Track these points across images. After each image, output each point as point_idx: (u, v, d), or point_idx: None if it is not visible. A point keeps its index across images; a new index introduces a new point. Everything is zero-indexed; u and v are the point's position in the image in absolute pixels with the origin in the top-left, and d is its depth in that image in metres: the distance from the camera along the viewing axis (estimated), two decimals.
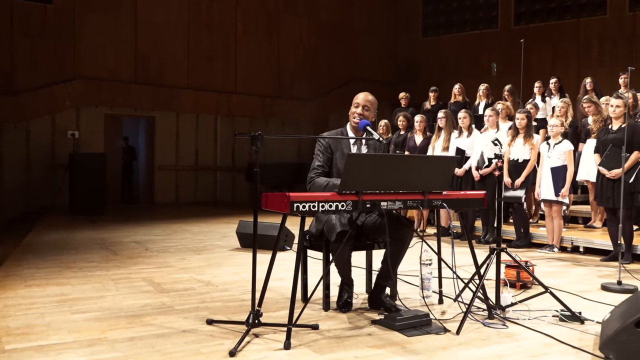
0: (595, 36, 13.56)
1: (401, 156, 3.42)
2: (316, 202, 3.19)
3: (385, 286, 3.88)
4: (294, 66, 14.75)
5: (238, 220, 10.07)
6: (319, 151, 3.92)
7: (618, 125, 5.93)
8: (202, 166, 13.75)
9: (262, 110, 14.20)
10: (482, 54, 14.84)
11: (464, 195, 3.67)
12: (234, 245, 6.91)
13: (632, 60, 13.01)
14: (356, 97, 3.93)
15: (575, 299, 4.27)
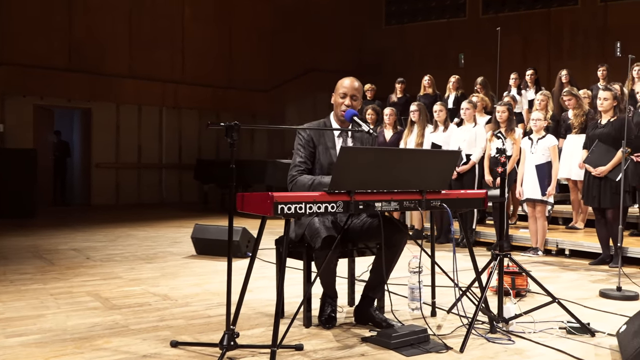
0: (567, 27, 13.77)
1: (400, 150, 3.21)
2: (303, 204, 2.93)
3: (375, 298, 3.65)
4: (247, 54, 14.41)
5: (188, 223, 9.74)
6: (300, 145, 3.66)
7: (607, 119, 5.90)
8: (145, 164, 13.25)
9: (213, 101, 13.82)
10: (449, 44, 14.87)
11: (464, 195, 3.48)
12: (188, 252, 6.57)
13: (604, 53, 13.27)
14: (341, 85, 3.68)
15: (577, 308, 4.16)
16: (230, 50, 14.26)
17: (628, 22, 13.06)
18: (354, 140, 3.75)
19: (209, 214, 11.23)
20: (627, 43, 13.02)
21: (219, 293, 4.58)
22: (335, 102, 3.70)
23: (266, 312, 4.04)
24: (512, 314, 3.60)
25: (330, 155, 3.65)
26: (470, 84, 10.39)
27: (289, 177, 3.63)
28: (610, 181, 5.73)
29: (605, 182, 5.77)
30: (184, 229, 8.92)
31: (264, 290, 4.68)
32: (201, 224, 6.55)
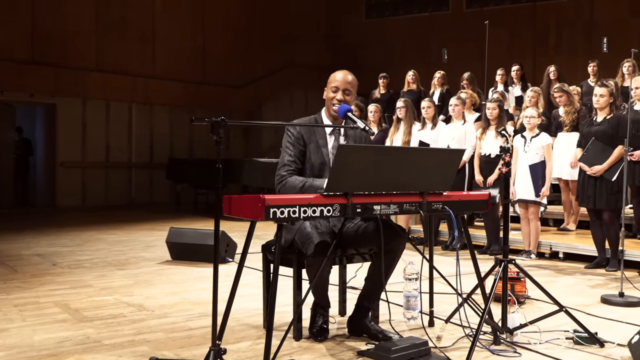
0: (553, 22, 13.80)
1: (401, 149, 3.08)
2: (297, 207, 2.77)
3: (370, 309, 3.50)
4: (222, 49, 14.19)
5: (161, 225, 9.51)
6: (289, 143, 3.50)
7: (603, 116, 5.84)
8: (114, 163, 12.95)
9: (186, 98, 13.57)
10: (432, 38, 14.82)
11: (466, 197, 3.35)
12: (162, 257, 6.35)
13: (590, 48, 13.34)
14: (333, 79, 3.53)
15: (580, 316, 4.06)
16: (204, 44, 14.02)
17: (615, 17, 13.14)
18: (347, 138, 3.60)
19: (183, 216, 11.00)
20: (613, 38, 13.11)
21: (199, 302, 4.39)
22: (326, 97, 3.55)
23: (251, 323, 3.87)
24: (517, 324, 3.49)
25: (322, 154, 3.50)
26: (454, 80, 10.34)
27: (277, 178, 3.46)
28: (606, 181, 5.67)
29: (600, 182, 5.72)
30: (156, 232, 8.69)
31: (248, 299, 4.50)
32: (177, 228, 6.35)
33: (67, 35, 12.16)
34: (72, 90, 12.24)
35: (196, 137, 14.00)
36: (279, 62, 14.91)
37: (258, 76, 14.65)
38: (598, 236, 5.95)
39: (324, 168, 3.48)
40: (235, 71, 14.28)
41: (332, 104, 3.48)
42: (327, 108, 3.55)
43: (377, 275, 3.41)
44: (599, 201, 5.72)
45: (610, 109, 5.80)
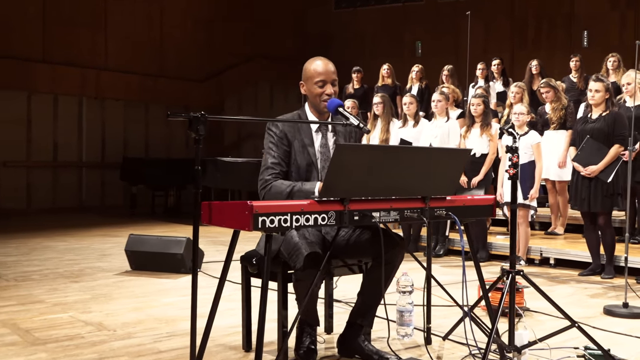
0: (532, 14, 13.84)
1: (404, 148, 2.89)
2: (288, 215, 2.57)
3: (364, 326, 3.31)
4: (181, 39, 13.83)
5: (116, 231, 9.17)
6: (272, 143, 3.27)
7: (598, 113, 5.77)
8: (62, 162, 12.48)
9: (141, 92, 13.17)
10: (405, 30, 14.74)
11: (470, 202, 3.19)
12: (121, 268, 6.06)
13: (571, 42, 13.42)
14: (315, 72, 3.30)
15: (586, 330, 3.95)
16: (161, 34, 13.64)
17: (595, 11, 13.24)
18: (336, 135, 3.40)
19: (139, 220, 10.67)
20: (594, 32, 13.21)
21: (166, 320, 4.14)
22: (310, 91, 3.32)
23: (228, 343, 3.65)
24: (526, 342, 3.34)
25: (309, 154, 3.29)
26: (428, 74, 10.27)
27: (261, 183, 3.24)
28: (602, 182, 5.60)
29: (596, 184, 5.64)
30: (111, 238, 8.38)
31: (222, 315, 4.25)
32: (136, 234, 6.06)
33: (10, 22, 11.65)
34: (16, 83, 11.72)
35: (152, 135, 13.62)
36: (243, 54, 14.62)
37: (220, 69, 14.34)
38: (592, 241, 5.89)
39: (311, 170, 3.28)
40: (195, 63, 13.94)
41: (322, 100, 3.26)
42: (313, 104, 3.33)
43: (372, 290, 3.22)
44: (593, 204, 5.65)
45: (606, 105, 5.73)
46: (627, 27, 13.12)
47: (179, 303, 4.65)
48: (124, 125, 13.22)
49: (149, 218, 11.13)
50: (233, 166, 10.43)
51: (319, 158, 3.31)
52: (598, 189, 5.60)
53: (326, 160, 3.31)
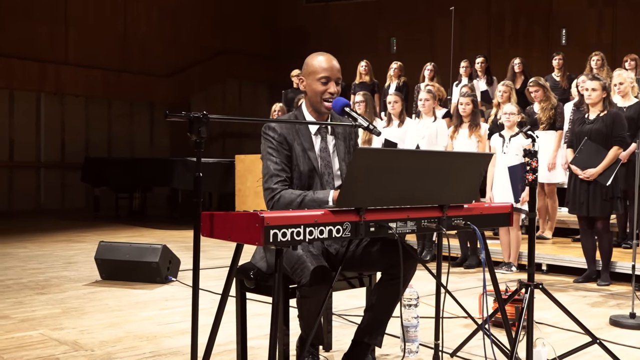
0: (509, 11, 13.83)
1: (425, 152, 2.70)
2: (301, 227, 2.36)
3: (371, 345, 3.12)
4: (146, 33, 13.48)
5: (79, 236, 8.83)
6: (271, 149, 3.05)
7: (595, 114, 5.68)
8: (19, 162, 12.08)
9: (104, 87, 12.80)
10: (380, 26, 14.61)
11: (488, 210, 3.02)
12: (90, 277, 5.77)
13: (549, 40, 13.45)
14: (318, 67, 3.07)
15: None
16: (125, 28, 13.27)
17: (574, 8, 13.29)
18: (335, 139, 3.20)
19: (103, 224, 10.32)
20: (572, 30, 13.26)
21: (147, 337, 3.90)
22: (311, 88, 3.10)
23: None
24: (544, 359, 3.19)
25: (310, 159, 3.08)
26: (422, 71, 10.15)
27: (267, 192, 3.01)
28: (601, 186, 5.52)
29: (595, 187, 5.56)
30: (75, 244, 8.05)
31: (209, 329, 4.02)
32: (107, 242, 5.77)
33: None
34: None
35: (115, 133, 13.25)
36: (211, 49, 14.35)
37: (187, 64, 14.05)
38: (589, 246, 5.81)
39: (313, 176, 3.07)
40: (160, 58, 13.62)
41: (325, 99, 3.06)
42: (314, 103, 3.11)
43: (382, 306, 3.04)
44: (592, 208, 5.56)
45: (603, 105, 5.64)
46: (605, 25, 13.20)
47: (158, 317, 4.40)
48: (86, 122, 12.83)
49: (113, 222, 10.78)
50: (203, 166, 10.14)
51: (320, 164, 3.11)
52: (597, 193, 5.52)
53: (326, 166, 3.12)
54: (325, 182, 3.08)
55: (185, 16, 13.97)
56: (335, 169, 3.14)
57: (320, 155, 3.11)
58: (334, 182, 3.11)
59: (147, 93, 13.39)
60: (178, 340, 3.83)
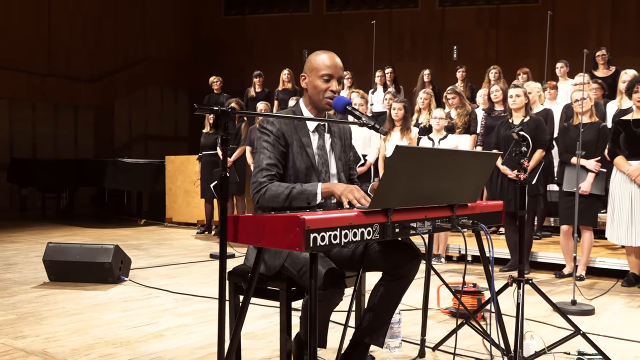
0: (408, 29, 13.89)
1: (450, 151, 2.38)
2: (337, 230, 1.98)
3: (370, 345, 2.77)
4: (69, 39, 12.44)
5: (9, 237, 7.91)
6: (267, 143, 2.64)
7: (519, 119, 5.61)
8: None
9: (28, 90, 11.69)
10: (293, 38, 14.28)
11: (486, 208, 2.76)
12: (37, 279, 5.08)
13: (442, 55, 13.62)
14: (322, 65, 2.70)
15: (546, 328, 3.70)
16: (49, 33, 12.19)
17: (463, 27, 13.53)
18: (332, 137, 2.84)
19: (32, 224, 9.38)
20: (462, 47, 13.50)
21: (120, 342, 3.36)
22: (313, 85, 2.72)
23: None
24: (532, 352, 2.97)
25: (308, 155, 2.70)
26: None
27: (255, 186, 2.59)
28: (528, 184, 5.44)
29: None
30: (9, 244, 7.21)
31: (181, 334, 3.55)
32: (56, 242, 5.09)
33: None
34: None
35: (39, 134, 12.16)
36: (134, 55, 13.50)
37: (110, 69, 13.12)
38: (512, 239, 5.74)
39: (310, 173, 2.69)
40: (84, 63, 12.64)
41: (326, 97, 2.69)
42: (315, 100, 2.73)
43: (384, 306, 2.70)
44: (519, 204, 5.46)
45: (525, 111, 5.58)
46: (490, 43, 13.53)
47: (123, 320, 3.86)
48: (9, 124, 11.67)
49: (41, 221, 9.83)
50: (135, 167, 9.45)
51: (318, 161, 2.73)
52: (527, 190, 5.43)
53: (324, 164, 2.75)
54: (322, 179, 2.71)
55: (108, 24, 13.04)
56: (332, 167, 2.78)
57: (317, 152, 2.74)
58: (330, 180, 2.75)
59: (71, 96, 12.39)
60: (155, 345, 3.33)
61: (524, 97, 5.59)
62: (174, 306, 4.24)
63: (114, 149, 13.12)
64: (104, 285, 4.85)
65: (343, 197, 2.37)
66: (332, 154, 2.81)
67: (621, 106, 6.29)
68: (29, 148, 11.88)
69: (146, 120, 14.10)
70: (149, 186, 9.68)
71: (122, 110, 13.45)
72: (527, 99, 5.62)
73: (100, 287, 4.81)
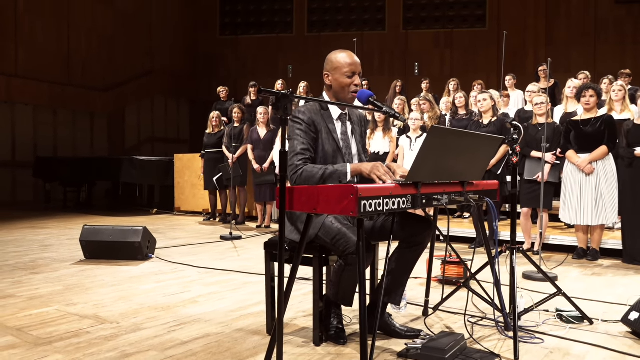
0: (376, 48, 13.91)
1: (472, 134, 2.33)
2: (381, 199, 1.94)
3: (388, 304, 2.73)
4: (87, 53, 12.13)
5: (41, 223, 7.66)
6: (300, 130, 2.58)
7: (488, 119, 5.64)
8: None
9: (50, 98, 11.35)
10: (279, 55, 14.17)
11: (485, 186, 2.73)
12: (74, 257, 4.91)
13: (405, 71, 13.67)
14: (344, 63, 2.64)
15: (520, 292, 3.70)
16: (69, 47, 11.86)
17: (423, 48, 13.61)
18: (352, 125, 2.79)
19: (57, 214, 9.11)
20: (422, 64, 13.57)
21: (162, 308, 3.26)
22: (338, 82, 2.66)
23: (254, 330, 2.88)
24: (522, 309, 2.96)
25: (334, 140, 2.65)
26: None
27: (291, 168, 2.54)
28: (494, 174, 5.47)
29: (489, 176, 5.49)
30: (41, 230, 6.97)
31: (216, 300, 3.45)
32: (91, 225, 4.93)
33: None
34: None
35: (60, 137, 11.82)
36: (141, 69, 13.22)
37: (121, 81, 12.82)
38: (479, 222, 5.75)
39: (337, 155, 2.65)
40: (99, 74, 12.32)
41: (351, 91, 2.63)
42: (339, 95, 2.68)
43: (402, 270, 2.67)
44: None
45: (493, 112, 5.61)
46: (445, 61, 13.63)
47: (158, 289, 3.75)
48: (33, 128, 11.32)
49: (63, 212, 9.54)
50: (147, 164, 9.24)
51: (342, 145, 2.69)
52: (491, 179, 5.45)
53: (347, 147, 2.71)
54: (346, 160, 2.67)
55: (120, 41, 12.75)
56: (354, 149, 2.74)
57: (341, 137, 2.69)
58: (352, 160, 2.71)
59: (88, 104, 12.07)
60: (192, 309, 3.23)
61: (490, 100, 5.62)
62: (200, 278, 4.14)
63: (125, 149, 12.84)
64: (134, 262, 4.72)
65: (372, 174, 2.33)
66: (353, 138, 2.76)
67: (567, 110, 6.40)
68: (51, 149, 11.54)
69: (153, 124, 13.83)
70: (160, 180, 9.48)
71: (132, 116, 13.16)
72: (493, 102, 5.65)
73: (132, 263, 4.67)
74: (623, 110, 5.64)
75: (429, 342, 2.43)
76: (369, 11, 14.01)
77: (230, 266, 4.58)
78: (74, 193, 10.52)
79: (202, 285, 3.87)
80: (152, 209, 9.67)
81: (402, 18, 13.79)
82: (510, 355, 2.44)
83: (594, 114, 5.05)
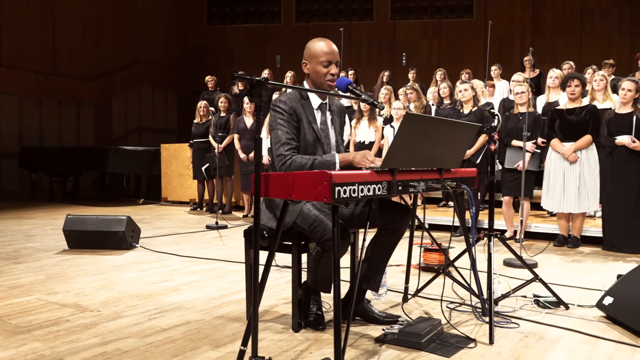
0: (364, 38, 13.87)
1: (448, 121, 2.32)
2: (356, 185, 1.95)
3: (367, 290, 2.75)
4: (72, 42, 11.99)
5: (25, 213, 7.60)
6: (282, 120, 2.57)
7: (468, 109, 5.66)
8: None
9: (36, 88, 11.21)
10: (267, 45, 14.10)
11: (462, 174, 2.75)
12: (57, 247, 4.89)
13: (393, 61, 13.66)
14: (320, 52, 2.62)
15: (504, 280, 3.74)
16: (54, 36, 11.71)
17: (410, 38, 13.59)
18: (332, 115, 2.79)
19: (42, 204, 9.03)
20: (410, 54, 13.57)
21: (144, 296, 3.25)
22: (315, 71, 2.65)
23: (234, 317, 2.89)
24: (499, 295, 3.00)
25: (314, 130, 2.65)
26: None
27: (279, 158, 2.52)
28: (473, 163, 5.51)
29: (468, 164, 5.53)
30: (25, 220, 6.91)
31: (199, 288, 3.46)
32: (74, 215, 4.90)
33: None
34: None
35: (46, 128, 11.70)
36: (128, 58, 13.09)
37: (108, 70, 12.69)
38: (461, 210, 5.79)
39: (317, 145, 2.64)
40: (85, 64, 12.19)
41: (327, 80, 2.63)
42: (317, 84, 2.66)
43: (380, 256, 2.68)
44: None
45: (473, 102, 5.63)
46: (432, 51, 13.63)
47: (142, 278, 3.74)
48: (19, 118, 11.19)
49: (49, 202, 9.47)
50: (134, 154, 9.19)
51: (322, 135, 2.68)
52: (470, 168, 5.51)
53: (326, 137, 2.71)
54: (325, 150, 2.67)
55: (106, 28, 12.60)
56: (332, 139, 2.74)
57: (321, 127, 2.69)
58: (331, 150, 2.71)
59: (74, 93, 11.95)
60: (174, 297, 3.23)
61: (470, 90, 5.64)
62: (184, 266, 4.14)
63: (111, 139, 12.74)
64: (118, 251, 4.70)
65: (360, 163, 2.33)
66: (332, 129, 2.76)
67: (549, 99, 6.43)
68: (37, 139, 11.42)
69: (140, 114, 13.72)
70: (147, 170, 9.44)
71: (119, 106, 13.05)
72: (474, 92, 5.67)
73: (116, 252, 4.65)
74: (605, 99, 5.69)
75: (405, 327, 2.45)
76: (356, 1, 13.96)
77: (214, 255, 4.58)
78: (60, 183, 10.44)
79: (186, 274, 3.87)
80: (139, 199, 9.62)
81: (389, 8, 13.75)
82: (485, 340, 2.47)
83: (579, 103, 5.08)
